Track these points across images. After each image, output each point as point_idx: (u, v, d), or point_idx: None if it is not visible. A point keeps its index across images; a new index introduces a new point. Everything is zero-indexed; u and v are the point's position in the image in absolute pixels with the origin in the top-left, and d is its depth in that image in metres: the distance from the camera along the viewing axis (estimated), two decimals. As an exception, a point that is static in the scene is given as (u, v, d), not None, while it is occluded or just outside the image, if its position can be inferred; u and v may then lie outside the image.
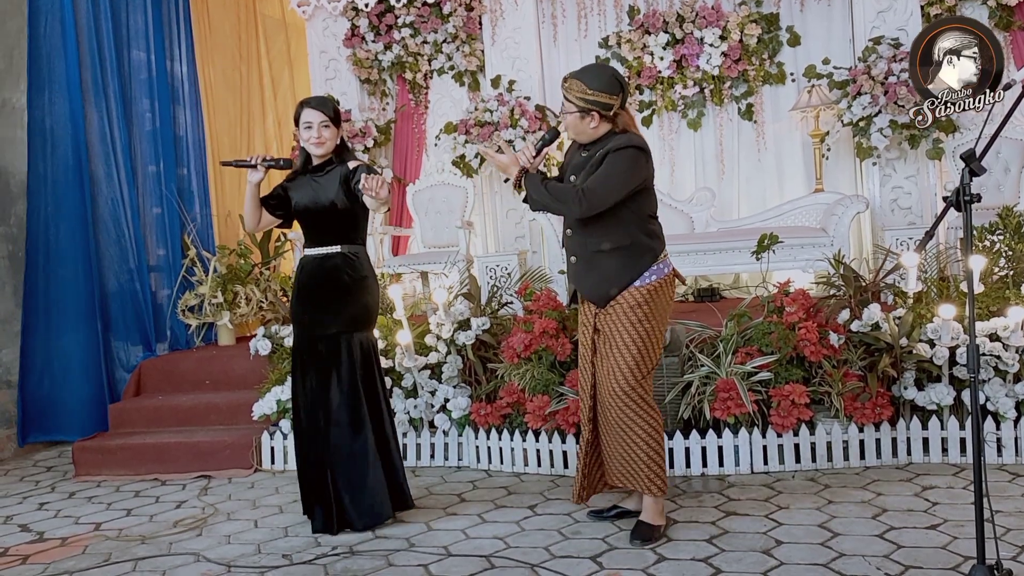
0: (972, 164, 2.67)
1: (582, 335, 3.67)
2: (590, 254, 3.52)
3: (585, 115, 3.45)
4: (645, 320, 3.48)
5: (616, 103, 3.45)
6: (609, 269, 3.48)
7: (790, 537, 3.45)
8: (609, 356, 3.50)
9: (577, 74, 3.48)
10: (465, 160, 6.91)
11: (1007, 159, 5.99)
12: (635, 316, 3.46)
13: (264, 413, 5.17)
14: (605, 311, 3.52)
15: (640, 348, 3.47)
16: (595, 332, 3.58)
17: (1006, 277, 4.54)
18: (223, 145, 7.39)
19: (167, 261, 6.36)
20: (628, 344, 3.46)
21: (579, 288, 3.63)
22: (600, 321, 3.55)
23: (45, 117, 5.84)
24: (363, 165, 3.84)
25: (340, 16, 7.47)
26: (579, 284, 3.61)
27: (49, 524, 4.37)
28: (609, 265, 3.48)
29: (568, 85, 3.48)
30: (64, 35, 5.32)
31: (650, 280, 3.49)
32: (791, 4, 6.83)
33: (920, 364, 4.33)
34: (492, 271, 6.41)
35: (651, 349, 3.53)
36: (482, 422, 4.73)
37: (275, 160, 3.86)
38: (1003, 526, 3.34)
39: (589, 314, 3.60)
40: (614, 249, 3.47)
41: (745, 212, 6.91)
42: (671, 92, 6.96)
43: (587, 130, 3.49)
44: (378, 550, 3.63)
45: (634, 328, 3.47)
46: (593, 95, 3.42)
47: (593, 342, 3.59)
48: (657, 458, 3.50)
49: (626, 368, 3.46)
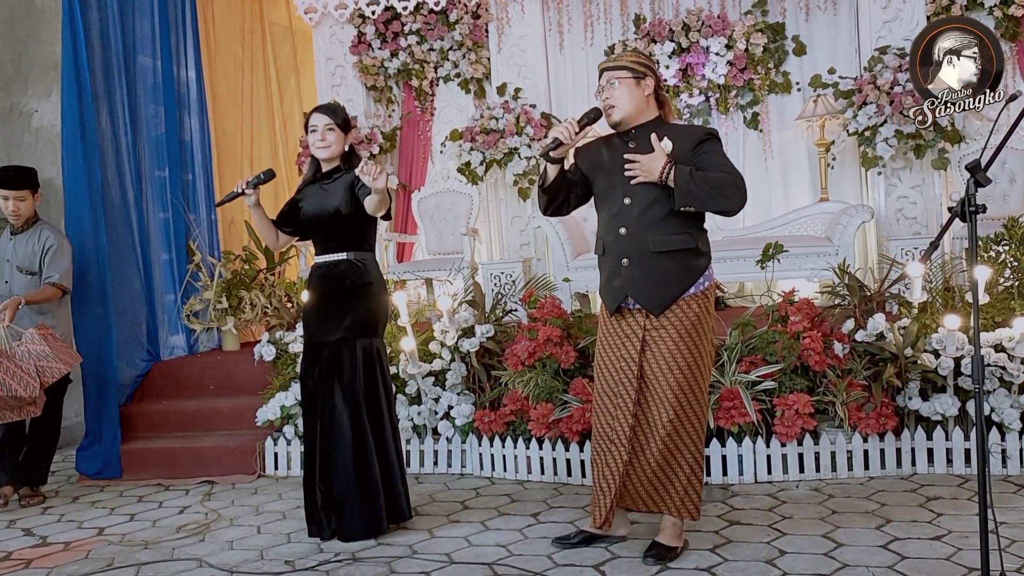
0: (977, 175, 2.67)
1: (621, 348, 3.39)
2: (651, 255, 3.28)
3: (641, 80, 3.31)
4: (701, 332, 3.32)
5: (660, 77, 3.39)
6: (670, 271, 3.28)
7: (794, 547, 3.44)
8: (663, 376, 3.29)
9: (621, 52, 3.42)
10: (470, 167, 6.91)
11: (1013, 169, 5.99)
12: (693, 328, 3.29)
13: (268, 419, 5.17)
14: (659, 322, 3.31)
15: (696, 364, 3.31)
16: (643, 344, 3.34)
17: (1011, 288, 4.53)
18: (228, 151, 7.40)
19: (172, 266, 6.37)
20: (681, 363, 3.28)
21: (634, 293, 3.32)
22: (651, 334, 3.33)
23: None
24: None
25: (347, 23, 7.50)
26: (634, 289, 3.32)
27: (52, 528, 4.37)
28: (670, 267, 3.28)
29: (615, 56, 3.40)
30: (74, 40, 5.34)
31: (704, 286, 3.35)
32: (797, 13, 6.83)
33: (925, 374, 4.32)
34: (496, 278, 6.40)
35: (707, 362, 3.37)
36: (486, 429, 4.73)
37: (256, 178, 3.88)
38: (1008, 537, 3.33)
39: (636, 325, 3.36)
40: (679, 251, 3.29)
41: (750, 221, 6.90)
42: (677, 101, 6.96)
43: (641, 101, 3.31)
44: (381, 557, 3.62)
45: (689, 342, 3.29)
46: (646, 60, 3.36)
47: (640, 356, 3.34)
48: (696, 482, 3.36)
49: (684, 384, 3.29)
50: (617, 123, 3.38)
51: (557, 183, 3.42)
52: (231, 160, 7.43)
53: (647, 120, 3.37)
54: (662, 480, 3.38)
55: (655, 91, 3.36)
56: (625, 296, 3.36)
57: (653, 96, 3.37)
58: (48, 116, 6.33)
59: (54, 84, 6.32)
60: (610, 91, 3.33)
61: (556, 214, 3.59)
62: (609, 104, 3.35)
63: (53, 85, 6.33)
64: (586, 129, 3.36)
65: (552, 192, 3.45)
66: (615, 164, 3.36)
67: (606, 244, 3.42)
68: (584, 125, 3.34)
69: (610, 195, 3.40)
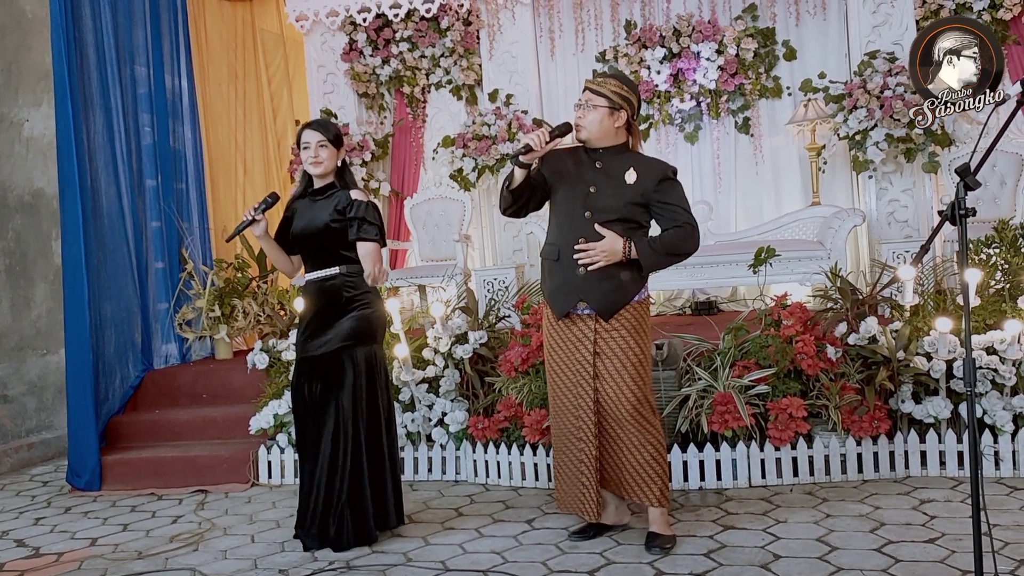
0: (967, 178, 2.68)
1: (575, 352, 3.58)
2: (608, 266, 3.48)
3: (616, 111, 3.49)
4: (644, 333, 3.58)
5: (637, 109, 3.57)
6: (623, 280, 3.50)
7: (788, 551, 3.44)
8: (619, 373, 3.52)
9: (610, 72, 3.59)
10: (463, 174, 6.92)
11: (1003, 172, 6.01)
12: (637, 330, 3.54)
13: (261, 427, 5.16)
14: (609, 325, 3.52)
15: (643, 361, 3.56)
16: (595, 346, 3.55)
17: (1002, 290, 4.55)
18: (220, 159, 7.40)
19: (165, 274, 6.36)
20: (632, 359, 3.52)
21: (588, 299, 3.52)
22: (603, 336, 3.54)
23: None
24: (363, 203, 3.81)
25: (338, 31, 7.50)
26: (588, 295, 3.51)
27: (45, 539, 4.35)
28: (624, 276, 3.50)
29: (602, 80, 3.54)
30: (67, 49, 5.33)
31: (644, 295, 3.61)
32: (787, 18, 6.86)
33: (917, 377, 4.34)
34: (489, 285, 6.41)
35: (649, 362, 3.63)
36: (480, 436, 4.72)
37: (263, 203, 3.90)
38: (1001, 539, 3.34)
39: (587, 328, 3.56)
40: (632, 261, 3.49)
41: (742, 225, 6.92)
42: (668, 106, 6.98)
43: (610, 129, 3.52)
44: (375, 565, 3.61)
45: (636, 342, 3.53)
46: (627, 93, 3.51)
47: (594, 357, 3.55)
48: (665, 471, 3.60)
49: (636, 382, 3.52)
50: (583, 140, 3.60)
51: (523, 186, 3.58)
52: (223, 168, 7.43)
53: (615, 144, 3.57)
54: (638, 471, 3.56)
55: (627, 122, 3.56)
56: (578, 301, 3.54)
57: (624, 127, 3.56)
58: (39, 126, 6.32)
59: (44, 93, 6.32)
60: (585, 111, 3.54)
61: (515, 215, 3.73)
62: (580, 123, 3.56)
63: (44, 95, 6.32)
64: (557, 140, 3.53)
65: (517, 195, 3.61)
66: (579, 176, 3.57)
67: (562, 251, 3.57)
68: (555, 136, 3.51)
69: (570, 205, 3.58)
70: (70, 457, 5.30)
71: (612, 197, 3.50)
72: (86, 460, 5.22)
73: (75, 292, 5.33)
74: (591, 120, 3.52)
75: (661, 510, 3.59)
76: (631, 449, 3.55)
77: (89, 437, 5.25)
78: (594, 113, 3.50)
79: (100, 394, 5.53)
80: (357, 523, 3.81)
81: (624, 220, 3.50)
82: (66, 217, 5.37)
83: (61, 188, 5.36)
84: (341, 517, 3.79)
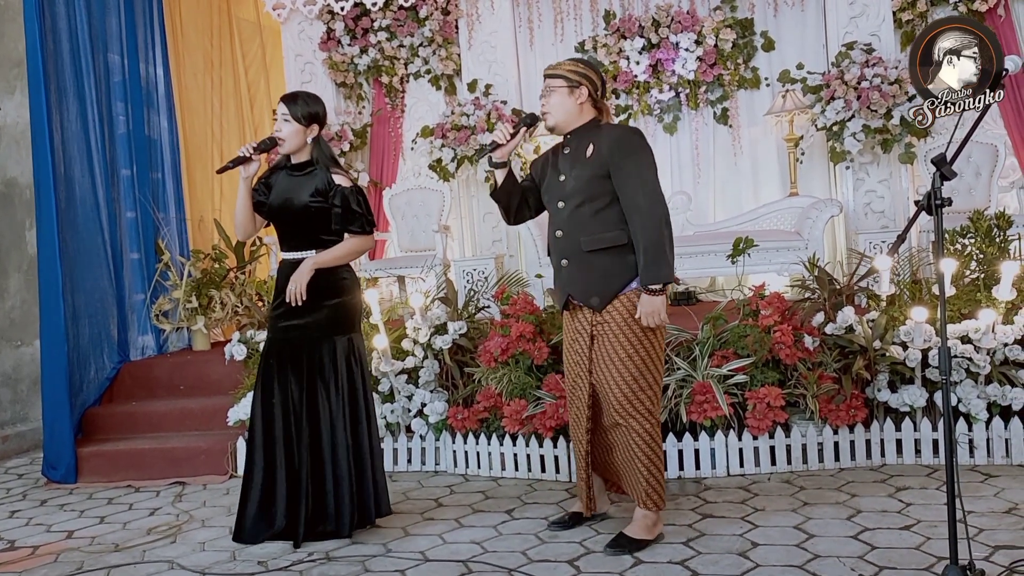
0: (943, 168, 2.71)
1: (574, 343, 3.54)
2: (584, 255, 3.42)
3: (575, 88, 3.46)
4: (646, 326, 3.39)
5: (599, 85, 3.51)
6: (605, 268, 3.39)
7: (766, 539, 3.47)
8: (610, 363, 3.41)
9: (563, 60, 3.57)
10: (442, 164, 6.90)
11: (978, 163, 6.07)
12: (631, 319, 3.38)
13: (239, 419, 5.12)
14: (604, 315, 3.42)
15: (639, 352, 3.40)
16: (591, 340, 3.47)
17: (977, 280, 4.59)
18: (197, 149, 7.33)
19: (141, 265, 6.30)
20: (626, 349, 3.39)
21: (573, 292, 3.49)
22: (598, 327, 3.44)
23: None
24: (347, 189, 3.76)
25: (316, 19, 7.45)
26: (573, 288, 3.48)
27: (21, 532, 4.31)
28: (605, 264, 3.40)
29: (555, 65, 3.54)
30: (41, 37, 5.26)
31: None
32: (765, 9, 6.88)
33: (893, 366, 4.37)
34: (469, 275, 6.40)
35: (656, 356, 3.46)
36: (459, 426, 4.72)
37: (262, 143, 3.79)
38: (976, 526, 3.38)
39: (584, 321, 3.50)
40: (610, 248, 3.39)
41: (721, 216, 6.95)
42: (647, 96, 7.00)
43: (573, 108, 3.48)
44: (355, 556, 3.61)
45: (631, 332, 3.38)
46: (583, 69, 3.49)
47: (590, 351, 3.48)
48: (656, 471, 3.45)
49: (631, 372, 3.39)
50: (552, 128, 3.58)
51: (507, 189, 3.60)
52: (200, 158, 7.35)
53: (581, 124, 3.52)
54: (628, 467, 3.51)
55: (590, 97, 3.50)
56: (568, 294, 3.53)
57: (589, 103, 3.51)
58: (12, 114, 6.24)
59: (17, 81, 6.23)
60: (547, 97, 3.52)
61: (518, 221, 3.76)
62: (544, 111, 3.54)
63: (16, 83, 6.24)
64: (524, 130, 3.55)
65: (503, 198, 3.63)
66: (554, 168, 3.56)
67: (550, 246, 3.60)
68: (518, 127, 3.53)
69: (550, 200, 3.59)
70: (46, 449, 5.24)
71: (575, 179, 3.44)
72: (62, 452, 5.17)
73: (50, 282, 5.27)
74: (553, 103, 3.48)
75: (644, 512, 3.47)
76: (619, 442, 3.49)
77: (65, 429, 5.20)
78: (555, 96, 3.48)
79: (75, 386, 5.47)
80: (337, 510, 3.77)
81: (591, 199, 3.39)
82: (41, 207, 5.30)
83: (36, 177, 5.29)
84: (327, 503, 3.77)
